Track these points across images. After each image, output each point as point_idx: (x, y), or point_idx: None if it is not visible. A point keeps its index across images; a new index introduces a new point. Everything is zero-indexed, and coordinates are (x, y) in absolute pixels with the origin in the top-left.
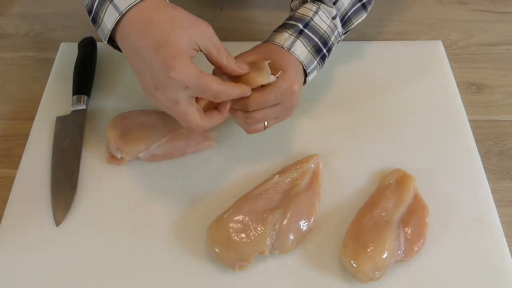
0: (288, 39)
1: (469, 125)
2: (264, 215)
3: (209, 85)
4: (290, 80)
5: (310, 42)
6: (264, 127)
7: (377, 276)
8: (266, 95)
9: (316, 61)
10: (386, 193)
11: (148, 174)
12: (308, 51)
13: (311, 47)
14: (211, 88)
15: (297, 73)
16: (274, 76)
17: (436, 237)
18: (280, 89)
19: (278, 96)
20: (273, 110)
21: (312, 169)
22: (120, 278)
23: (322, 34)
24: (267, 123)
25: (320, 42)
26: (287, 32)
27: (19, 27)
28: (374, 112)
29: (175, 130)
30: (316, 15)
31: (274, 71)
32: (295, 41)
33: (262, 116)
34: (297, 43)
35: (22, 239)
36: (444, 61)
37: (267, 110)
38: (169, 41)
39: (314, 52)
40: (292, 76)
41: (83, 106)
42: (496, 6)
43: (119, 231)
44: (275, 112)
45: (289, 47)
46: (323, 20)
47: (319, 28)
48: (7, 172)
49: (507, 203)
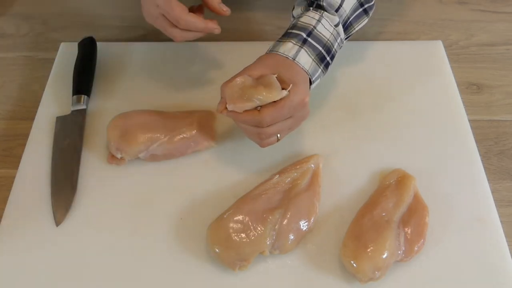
0: (292, 49)
1: (469, 125)
2: (264, 215)
3: (173, 8)
4: (302, 93)
5: (314, 51)
6: (277, 139)
7: (377, 276)
8: (279, 110)
9: (320, 70)
10: (386, 193)
11: (148, 174)
12: (312, 60)
13: (315, 56)
14: (173, 12)
15: (305, 84)
16: (286, 91)
17: (436, 237)
18: (293, 103)
19: (291, 110)
20: (286, 123)
21: (312, 169)
22: (120, 278)
23: (326, 42)
24: (280, 135)
25: (323, 50)
26: (291, 42)
27: (19, 27)
28: (374, 112)
29: (175, 130)
30: (319, 24)
31: (282, 84)
32: (299, 50)
33: (275, 130)
34: (301, 52)
35: (22, 239)
36: (444, 61)
37: (280, 124)
38: None
39: (318, 61)
40: (303, 89)
41: (83, 106)
42: (496, 6)
43: (119, 231)
44: (288, 125)
45: (294, 57)
46: (326, 28)
47: (322, 37)
48: (7, 172)
49: (507, 203)
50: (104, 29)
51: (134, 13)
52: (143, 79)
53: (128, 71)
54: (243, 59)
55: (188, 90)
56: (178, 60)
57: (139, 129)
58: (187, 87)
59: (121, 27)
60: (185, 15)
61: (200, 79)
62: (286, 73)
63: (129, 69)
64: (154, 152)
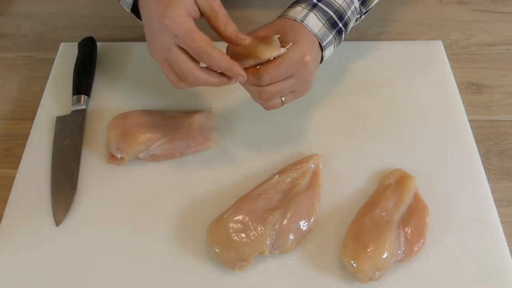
0: (301, 12)
1: (469, 125)
2: (264, 215)
3: (195, 40)
4: (302, 51)
5: (324, 15)
6: (281, 102)
7: (377, 276)
8: (277, 67)
9: (331, 35)
10: (386, 193)
11: (148, 174)
12: (322, 24)
13: (326, 20)
14: (195, 44)
15: (310, 44)
16: (285, 48)
17: (436, 237)
18: (292, 60)
19: (290, 68)
20: (288, 83)
21: (312, 169)
22: (120, 278)
23: (337, 8)
24: (284, 98)
25: (335, 15)
26: (300, 6)
27: (19, 27)
28: (374, 112)
29: (175, 130)
30: None
31: (284, 44)
32: (308, 13)
33: (276, 90)
34: (310, 15)
35: (22, 239)
36: (444, 61)
37: (281, 83)
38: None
39: (329, 26)
40: (304, 47)
41: (83, 106)
42: (496, 6)
43: (119, 231)
44: (290, 86)
45: (302, 19)
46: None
47: (334, 2)
48: (7, 172)
49: (507, 203)
50: (104, 29)
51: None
52: (143, 79)
53: (128, 71)
54: None
55: (188, 90)
56: None
57: (139, 129)
58: (187, 87)
59: (121, 27)
60: (211, 48)
61: None
62: (290, 33)
63: (129, 69)
64: (154, 152)
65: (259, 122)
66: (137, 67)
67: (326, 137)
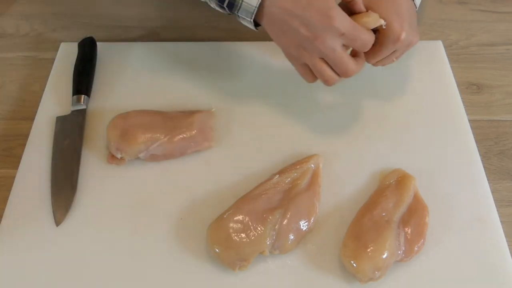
0: None
1: (469, 125)
2: (264, 215)
3: (361, 34)
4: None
5: None
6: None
7: (377, 276)
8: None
9: None
10: (386, 193)
11: (148, 174)
12: None
13: None
14: (361, 37)
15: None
16: (384, 21)
17: (436, 237)
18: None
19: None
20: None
21: (312, 169)
22: (120, 278)
23: None
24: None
25: None
26: None
27: (19, 27)
28: (374, 112)
29: (175, 130)
30: None
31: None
32: None
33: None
34: None
35: (22, 239)
36: (444, 61)
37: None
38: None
39: None
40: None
41: (83, 106)
42: (496, 6)
43: (119, 231)
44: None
45: None
46: None
47: None
48: (7, 172)
49: (507, 203)
50: (104, 29)
51: (134, 13)
52: (143, 79)
53: (128, 71)
54: (243, 59)
55: (188, 90)
56: (178, 60)
57: (139, 129)
58: (187, 87)
59: (121, 27)
60: (372, 37)
61: (200, 79)
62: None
63: (129, 69)
64: (154, 152)
65: (259, 122)
66: (137, 67)
67: (326, 137)
